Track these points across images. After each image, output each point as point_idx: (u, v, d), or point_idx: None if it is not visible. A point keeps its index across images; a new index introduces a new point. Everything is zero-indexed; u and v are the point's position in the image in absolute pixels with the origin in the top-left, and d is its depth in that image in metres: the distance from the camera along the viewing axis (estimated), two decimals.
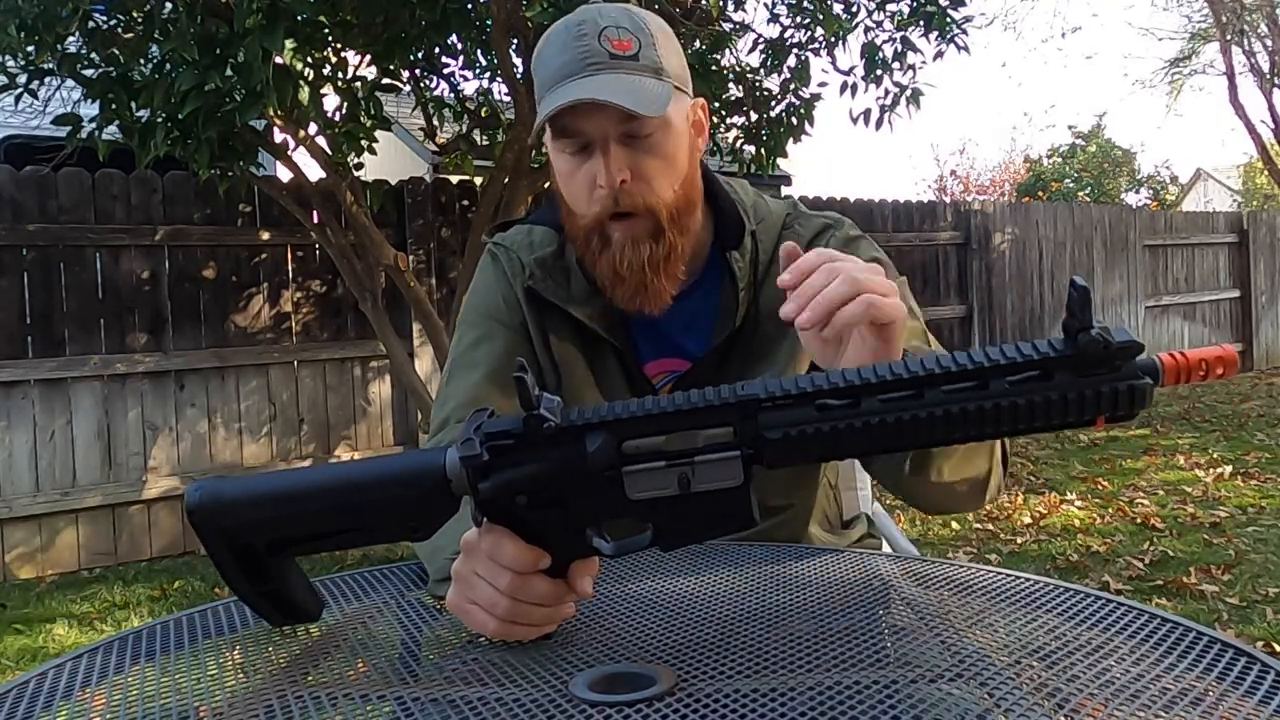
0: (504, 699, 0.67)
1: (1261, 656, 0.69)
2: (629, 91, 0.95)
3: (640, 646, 0.77)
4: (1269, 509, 4.58)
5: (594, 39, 0.97)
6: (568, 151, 1.01)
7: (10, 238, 4.28)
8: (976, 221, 7.82)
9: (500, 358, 1.08)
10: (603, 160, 0.98)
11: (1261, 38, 12.41)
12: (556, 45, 1.00)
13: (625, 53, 0.97)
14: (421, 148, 7.33)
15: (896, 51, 4.68)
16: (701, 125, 1.08)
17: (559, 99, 0.96)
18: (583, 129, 0.98)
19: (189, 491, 0.77)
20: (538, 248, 1.11)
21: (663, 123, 0.99)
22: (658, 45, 1.00)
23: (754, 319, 1.07)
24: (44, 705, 0.72)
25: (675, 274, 1.04)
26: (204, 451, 4.75)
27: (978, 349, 0.66)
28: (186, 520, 0.77)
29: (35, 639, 3.48)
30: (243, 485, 0.77)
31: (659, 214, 1.01)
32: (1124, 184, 22.67)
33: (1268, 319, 10.55)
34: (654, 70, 0.99)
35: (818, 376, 0.67)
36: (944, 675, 0.68)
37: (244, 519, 0.76)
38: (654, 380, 1.10)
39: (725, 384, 0.69)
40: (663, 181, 1.01)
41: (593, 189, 1.00)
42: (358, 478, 0.75)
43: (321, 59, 3.83)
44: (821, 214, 1.12)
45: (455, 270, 5.17)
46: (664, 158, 1.00)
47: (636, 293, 1.03)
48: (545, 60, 1.00)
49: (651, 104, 0.96)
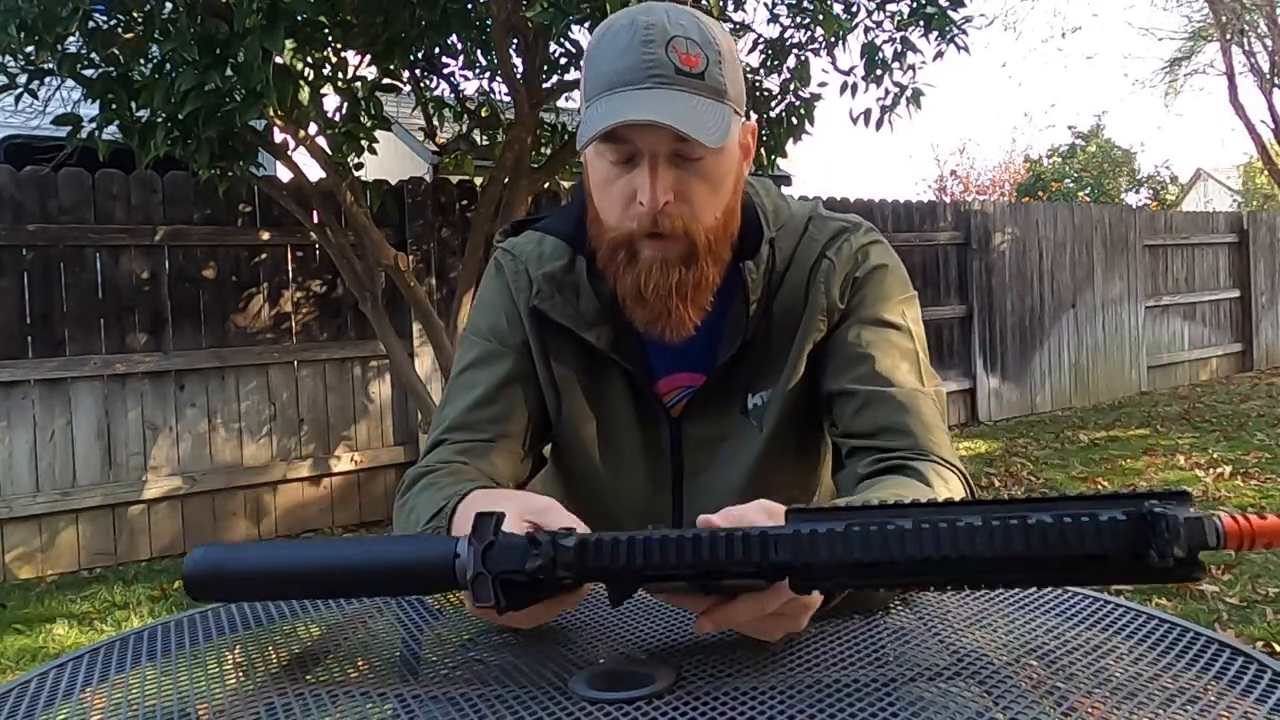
0: (504, 696, 0.67)
1: (1259, 656, 0.69)
2: (692, 114, 0.90)
3: (640, 645, 0.77)
4: (1269, 509, 4.57)
5: (661, 48, 0.91)
6: (610, 159, 0.95)
7: (10, 238, 4.27)
8: (976, 221, 7.81)
9: (497, 382, 1.07)
10: (649, 177, 0.92)
11: (1261, 38, 12.41)
12: (620, 44, 0.92)
13: (692, 70, 0.91)
14: (421, 148, 7.33)
15: (896, 51, 4.67)
16: (749, 148, 1.03)
17: (617, 109, 0.90)
18: (633, 140, 0.92)
19: (189, 558, 0.75)
20: (547, 260, 1.07)
21: (717, 148, 0.93)
22: (724, 64, 0.94)
23: (765, 330, 1.05)
24: (44, 705, 0.73)
25: (702, 303, 0.99)
26: (204, 451, 4.75)
27: (1032, 517, 0.61)
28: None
29: (35, 639, 3.48)
30: (241, 560, 0.75)
31: (697, 239, 0.96)
32: (1124, 184, 22.67)
33: (1268, 319, 10.55)
34: (718, 92, 0.93)
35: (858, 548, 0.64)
36: (943, 674, 0.68)
37: (239, 592, 0.76)
38: (666, 399, 1.07)
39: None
40: (706, 207, 0.95)
41: (630, 203, 0.95)
42: (362, 565, 0.73)
43: (321, 59, 3.83)
44: (841, 217, 1.10)
45: (455, 270, 5.17)
46: (711, 183, 0.96)
47: (659, 318, 0.98)
48: (604, 56, 0.94)
49: (713, 132, 0.91)
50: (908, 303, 1.07)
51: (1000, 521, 0.61)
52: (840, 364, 1.03)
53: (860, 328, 1.03)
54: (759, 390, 1.06)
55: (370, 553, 0.73)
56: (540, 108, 4.53)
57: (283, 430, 4.97)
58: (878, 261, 1.07)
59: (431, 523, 0.88)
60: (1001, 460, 6.12)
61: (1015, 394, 8.05)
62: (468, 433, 1.05)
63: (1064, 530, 0.61)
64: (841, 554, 0.63)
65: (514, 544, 0.67)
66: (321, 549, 0.76)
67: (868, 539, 0.62)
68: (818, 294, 1.04)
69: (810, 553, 0.63)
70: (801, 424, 1.08)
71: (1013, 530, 0.61)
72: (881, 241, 1.10)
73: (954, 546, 0.61)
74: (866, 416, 0.99)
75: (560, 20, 3.54)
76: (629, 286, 0.98)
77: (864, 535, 0.63)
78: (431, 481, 0.97)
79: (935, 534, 0.62)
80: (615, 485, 1.11)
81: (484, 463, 1.03)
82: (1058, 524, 0.61)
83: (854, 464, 0.99)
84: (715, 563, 0.64)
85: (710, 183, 0.95)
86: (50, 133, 4.10)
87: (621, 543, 0.65)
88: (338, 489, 5.15)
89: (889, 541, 0.62)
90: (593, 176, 0.99)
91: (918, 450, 0.96)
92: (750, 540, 0.64)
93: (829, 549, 0.63)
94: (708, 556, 0.64)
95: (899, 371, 1.01)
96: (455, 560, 0.68)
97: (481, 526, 0.67)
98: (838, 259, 1.05)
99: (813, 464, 1.16)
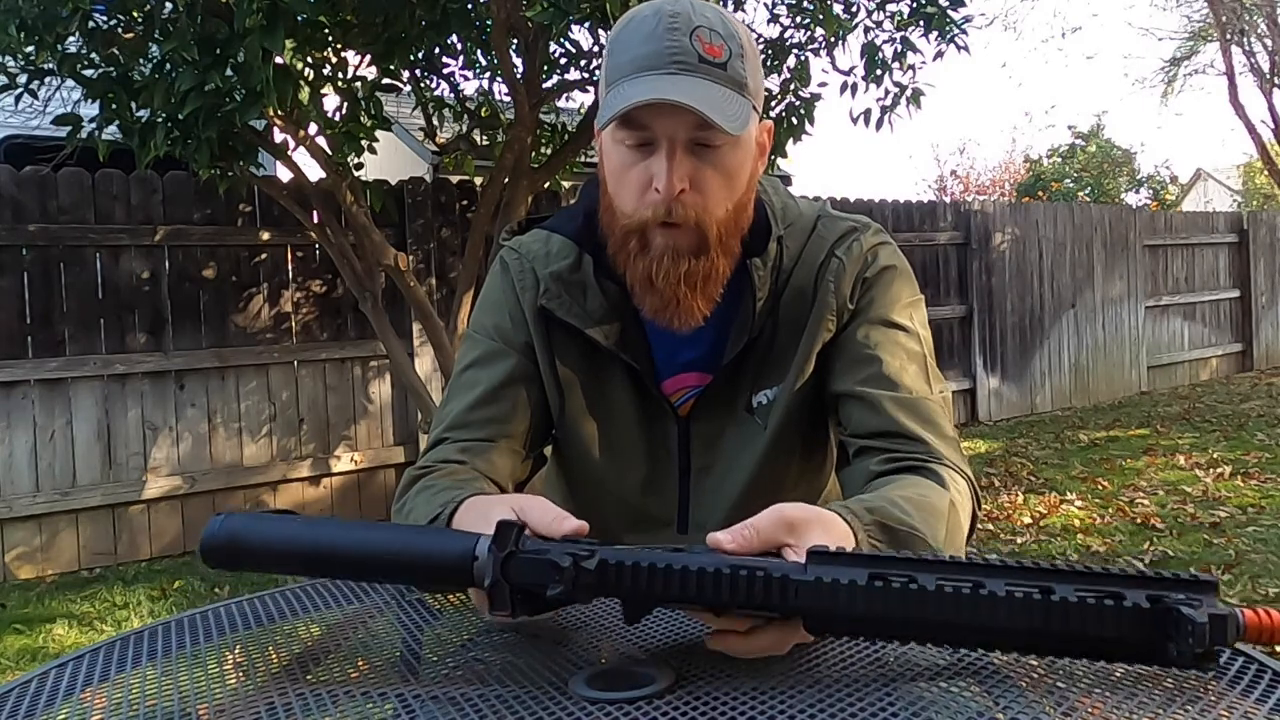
0: (504, 696, 0.67)
1: (1259, 656, 0.69)
2: (713, 101, 0.90)
3: (640, 645, 0.77)
4: (1269, 509, 4.58)
5: (685, 36, 0.91)
6: (628, 144, 0.95)
7: (10, 238, 4.27)
8: (976, 221, 7.82)
9: (499, 381, 1.07)
10: (666, 163, 0.92)
11: (1261, 37, 12.41)
12: (644, 31, 0.93)
13: (715, 59, 0.92)
14: (421, 148, 7.32)
15: (896, 52, 4.68)
16: (765, 148, 1.03)
17: (639, 91, 0.90)
18: (652, 126, 0.93)
19: (209, 526, 0.75)
20: (554, 259, 1.07)
21: (734, 139, 0.93)
22: (745, 59, 0.95)
23: (772, 328, 1.05)
24: (44, 705, 0.73)
25: (712, 294, 0.99)
26: (204, 451, 4.75)
27: (1056, 592, 0.61)
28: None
29: (35, 639, 3.48)
30: (262, 531, 0.75)
31: (708, 231, 0.96)
32: (1124, 184, 22.65)
33: (1268, 319, 10.56)
34: (738, 84, 0.93)
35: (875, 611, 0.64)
36: (943, 674, 0.68)
37: (255, 562, 0.76)
38: (673, 399, 1.07)
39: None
40: (719, 198, 0.96)
41: (646, 190, 0.95)
42: (380, 549, 0.73)
43: (321, 59, 3.83)
44: (849, 217, 1.10)
45: (455, 270, 5.17)
46: (726, 175, 0.96)
47: (668, 306, 0.98)
48: (627, 43, 0.94)
49: (734, 119, 0.91)
50: (915, 305, 1.07)
51: (1023, 594, 0.61)
52: (848, 365, 1.03)
53: (869, 329, 1.03)
54: (764, 388, 1.06)
55: (388, 539, 0.74)
56: (540, 108, 4.53)
57: (283, 430, 4.97)
58: (887, 263, 1.06)
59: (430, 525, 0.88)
60: (1001, 460, 6.12)
61: (1015, 394, 8.05)
62: (468, 431, 1.05)
63: (1085, 611, 0.61)
64: (861, 608, 0.63)
65: (536, 561, 0.67)
66: (339, 529, 0.76)
67: (888, 596, 0.63)
68: (826, 293, 1.04)
69: (829, 602, 0.63)
70: (807, 423, 1.08)
71: (1034, 605, 0.61)
72: (890, 243, 1.09)
73: (973, 614, 0.62)
74: (874, 419, 0.99)
75: (560, 20, 3.54)
76: (640, 274, 0.98)
77: (885, 592, 0.63)
78: (428, 484, 0.98)
79: (956, 600, 0.62)
80: (617, 484, 1.11)
81: (484, 461, 1.03)
82: (1080, 603, 0.61)
83: (864, 462, 0.99)
84: (735, 600, 0.65)
85: (725, 174, 0.96)
86: (50, 133, 4.10)
87: (643, 568, 0.65)
88: (338, 489, 5.15)
89: (909, 601, 0.62)
90: (608, 164, 0.99)
91: (930, 455, 0.96)
92: (771, 583, 0.64)
93: (849, 601, 0.63)
94: (727, 595, 0.65)
95: (907, 374, 1.01)
96: (474, 563, 0.68)
97: (503, 535, 0.67)
98: (847, 258, 1.05)
99: (818, 463, 1.16)
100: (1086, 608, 0.61)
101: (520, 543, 0.68)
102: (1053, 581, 0.62)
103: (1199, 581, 0.61)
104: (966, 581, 0.62)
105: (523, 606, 0.68)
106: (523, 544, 0.68)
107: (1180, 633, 0.59)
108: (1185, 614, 0.59)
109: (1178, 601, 0.60)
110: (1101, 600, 0.61)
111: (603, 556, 0.66)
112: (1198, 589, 0.61)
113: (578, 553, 0.66)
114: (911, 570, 0.63)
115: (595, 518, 1.07)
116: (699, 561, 0.65)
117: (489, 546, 0.68)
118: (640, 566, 0.66)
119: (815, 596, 0.63)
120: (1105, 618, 0.61)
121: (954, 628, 0.63)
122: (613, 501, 1.12)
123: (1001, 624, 0.61)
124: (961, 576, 0.63)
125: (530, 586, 0.67)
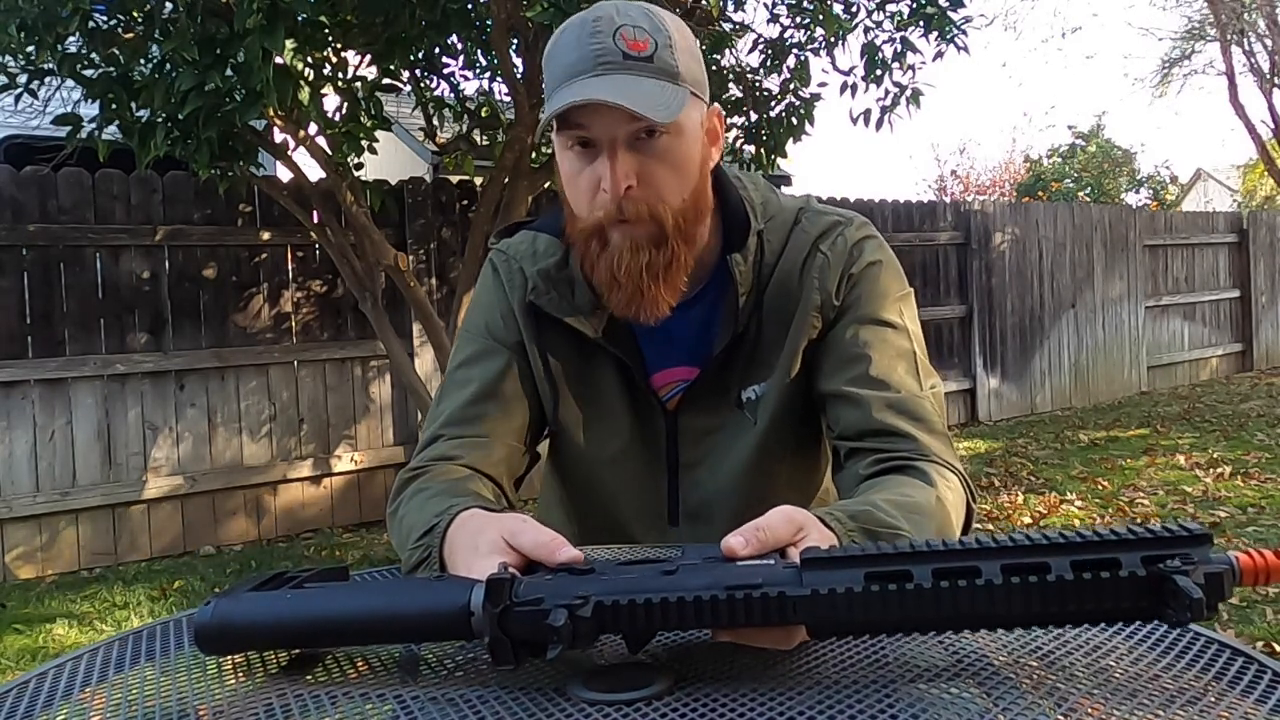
0: (503, 697, 0.67)
1: (1259, 656, 0.69)
2: (640, 95, 0.91)
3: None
4: (1269, 509, 4.58)
5: (609, 37, 0.93)
6: (573, 150, 0.97)
7: (10, 238, 4.27)
8: (976, 221, 7.82)
9: (492, 378, 1.07)
10: (609, 164, 0.94)
11: (1261, 37, 12.41)
12: (570, 41, 0.95)
13: (640, 53, 0.93)
14: (421, 148, 7.33)
15: (896, 52, 4.68)
16: (716, 133, 1.03)
17: (567, 97, 0.91)
18: (589, 127, 0.94)
19: (201, 610, 0.75)
20: (541, 258, 1.08)
21: (674, 128, 0.94)
22: (675, 48, 0.95)
23: (758, 322, 1.05)
24: (44, 705, 0.73)
25: (676, 284, 0.99)
26: (204, 452, 4.75)
27: (1051, 571, 0.62)
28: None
29: (35, 639, 3.48)
30: (253, 612, 0.74)
31: (664, 221, 0.96)
32: (1124, 184, 22.67)
33: (1268, 319, 10.56)
34: (669, 74, 0.94)
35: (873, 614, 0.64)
36: (943, 674, 0.68)
37: (250, 644, 0.76)
38: (661, 392, 1.08)
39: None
40: (670, 189, 0.96)
41: (596, 193, 0.96)
42: (374, 614, 0.72)
43: (321, 59, 3.83)
44: (834, 210, 1.09)
45: (455, 270, 5.17)
46: (673, 165, 0.96)
47: (632, 300, 0.99)
48: (557, 55, 0.96)
49: (662, 109, 0.91)
50: (904, 300, 1.06)
51: (1020, 580, 0.62)
52: (836, 364, 1.03)
53: (857, 327, 1.03)
54: (753, 383, 1.06)
55: (380, 603, 0.73)
56: (540, 108, 4.52)
57: (283, 430, 4.97)
58: (873, 257, 1.06)
59: (423, 539, 0.88)
60: (1001, 460, 6.12)
61: (1015, 394, 8.05)
62: (462, 428, 1.06)
63: (1082, 587, 0.61)
64: (860, 614, 0.64)
65: (532, 613, 0.66)
66: (328, 599, 0.75)
67: (886, 600, 0.63)
68: (811, 289, 1.04)
69: (828, 612, 0.64)
70: (798, 419, 1.08)
71: (1032, 588, 0.62)
72: (876, 236, 1.09)
73: (972, 605, 0.62)
74: (864, 419, 0.99)
75: (560, 20, 3.54)
76: (604, 273, 0.99)
77: (882, 596, 0.63)
78: (422, 487, 0.98)
79: (954, 593, 0.62)
80: (611, 478, 1.11)
81: (478, 458, 1.04)
82: (1077, 581, 0.61)
83: (853, 465, 0.99)
84: (734, 621, 0.65)
85: (672, 164, 0.96)
86: (50, 133, 4.10)
87: (639, 605, 0.65)
88: (338, 489, 5.15)
89: (906, 602, 0.63)
90: (561, 172, 1.00)
91: (917, 452, 0.96)
92: (769, 602, 0.64)
93: (847, 609, 0.63)
94: (726, 619, 0.65)
95: (896, 373, 1.01)
96: (470, 618, 0.68)
97: (496, 592, 0.67)
98: (832, 253, 1.05)
99: (811, 462, 1.16)
100: (1084, 584, 0.61)
101: (514, 593, 0.67)
102: (1049, 556, 0.62)
103: (1193, 536, 0.62)
104: (963, 572, 0.63)
105: (525, 651, 0.67)
106: (517, 591, 0.67)
107: (1179, 599, 0.59)
108: (1181, 585, 0.59)
109: (1173, 569, 0.60)
110: (1098, 575, 0.61)
111: (598, 600, 0.66)
112: (1193, 543, 0.62)
113: (571, 604, 0.65)
114: (907, 564, 0.63)
115: (593, 512, 1.07)
116: (694, 587, 0.65)
117: (483, 604, 0.67)
118: (636, 605, 0.65)
119: (813, 609, 0.64)
120: (1104, 592, 0.61)
121: (956, 621, 0.64)
122: (606, 494, 1.12)
123: (1000, 610, 0.62)
124: (956, 564, 0.63)
125: (529, 638, 0.66)
